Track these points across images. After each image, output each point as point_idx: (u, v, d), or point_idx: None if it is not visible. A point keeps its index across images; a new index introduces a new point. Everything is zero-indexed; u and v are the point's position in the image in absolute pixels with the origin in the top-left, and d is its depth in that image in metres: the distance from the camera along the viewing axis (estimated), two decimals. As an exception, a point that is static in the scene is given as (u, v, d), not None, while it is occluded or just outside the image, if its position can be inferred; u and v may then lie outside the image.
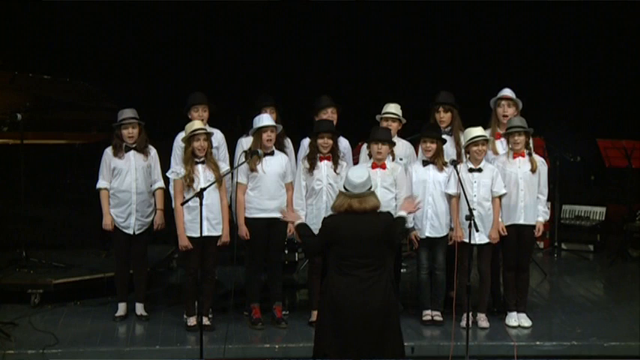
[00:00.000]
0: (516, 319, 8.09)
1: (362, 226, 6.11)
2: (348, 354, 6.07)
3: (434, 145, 7.98)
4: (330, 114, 8.25)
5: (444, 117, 8.32)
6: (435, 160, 8.00)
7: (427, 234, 8.04)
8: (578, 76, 11.71)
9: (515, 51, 11.59)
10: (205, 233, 7.61)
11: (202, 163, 7.82)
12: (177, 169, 7.88)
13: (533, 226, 8.06)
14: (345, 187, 6.19)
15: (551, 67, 11.68)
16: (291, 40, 11.50)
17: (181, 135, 8.03)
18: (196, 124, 7.85)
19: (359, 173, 6.23)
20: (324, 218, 6.42)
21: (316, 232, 7.85)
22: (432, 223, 8.01)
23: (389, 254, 6.30)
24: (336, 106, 8.32)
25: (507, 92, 8.39)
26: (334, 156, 7.98)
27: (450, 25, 11.65)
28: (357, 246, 6.09)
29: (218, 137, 8.27)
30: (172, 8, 11.17)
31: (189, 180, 7.74)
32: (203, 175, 7.79)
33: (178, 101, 8.39)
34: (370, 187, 6.22)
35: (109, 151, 8.13)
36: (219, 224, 7.87)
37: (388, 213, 6.48)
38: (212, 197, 7.76)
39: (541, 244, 10.93)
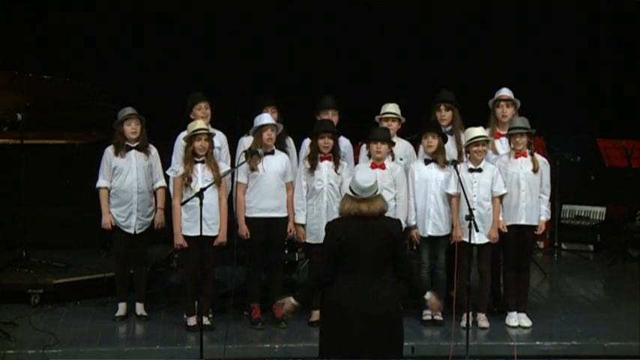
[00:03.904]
0: (516, 319, 8.09)
1: (369, 230, 6.03)
2: (352, 358, 6.03)
3: (435, 141, 7.98)
4: (330, 115, 8.25)
5: (445, 115, 8.31)
6: (437, 157, 8.00)
7: (429, 232, 8.04)
8: (578, 75, 11.71)
9: (516, 51, 11.58)
10: (202, 233, 7.62)
11: (202, 162, 7.82)
12: (176, 167, 7.89)
13: (534, 227, 8.06)
14: (352, 191, 6.10)
15: (551, 67, 11.67)
16: (291, 40, 11.49)
17: (184, 134, 8.03)
18: (198, 124, 7.85)
19: (366, 177, 6.14)
20: (329, 223, 6.24)
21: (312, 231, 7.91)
22: (433, 222, 8.01)
23: (392, 259, 6.24)
24: (338, 109, 8.32)
25: (505, 92, 8.37)
26: (335, 156, 7.98)
27: (450, 24, 11.64)
28: (364, 250, 6.00)
29: (220, 138, 8.28)
30: (172, 8, 11.16)
31: (187, 179, 7.75)
32: (201, 175, 7.79)
33: (178, 101, 8.38)
34: (377, 191, 6.18)
35: (109, 150, 8.13)
36: (215, 224, 7.86)
37: (398, 221, 6.39)
38: (210, 197, 7.75)
39: (541, 244, 10.93)
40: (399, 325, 6.15)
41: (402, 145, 8.34)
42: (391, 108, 8.33)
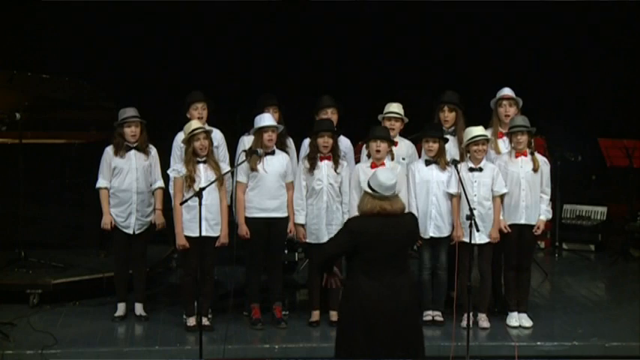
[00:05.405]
0: (517, 320, 8.06)
1: (390, 228, 6.05)
2: (378, 356, 6.03)
3: (436, 145, 7.96)
4: (329, 114, 8.23)
5: (448, 116, 8.28)
6: (438, 159, 7.98)
7: (431, 234, 8.01)
8: (579, 75, 11.69)
9: (516, 50, 11.56)
10: (203, 233, 7.59)
11: (204, 162, 7.79)
12: (178, 167, 7.84)
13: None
14: (372, 189, 6.10)
15: (551, 67, 11.66)
16: (292, 40, 11.48)
17: (180, 135, 8.00)
18: (194, 124, 7.82)
19: (388, 175, 6.17)
20: (350, 220, 6.26)
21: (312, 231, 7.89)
22: (435, 223, 7.98)
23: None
24: (337, 107, 8.30)
25: (507, 91, 8.35)
26: (335, 156, 7.96)
27: (450, 24, 11.63)
28: (386, 248, 6.02)
29: (218, 137, 8.25)
30: (172, 7, 11.15)
31: (190, 180, 7.71)
32: (204, 175, 7.76)
33: (178, 101, 8.36)
34: (396, 190, 6.21)
35: (109, 150, 8.10)
36: (217, 225, 7.83)
37: (412, 214, 6.42)
38: (212, 197, 7.73)
39: (542, 244, 10.91)
40: (419, 320, 6.22)
41: (404, 145, 8.31)
42: (395, 107, 8.30)
